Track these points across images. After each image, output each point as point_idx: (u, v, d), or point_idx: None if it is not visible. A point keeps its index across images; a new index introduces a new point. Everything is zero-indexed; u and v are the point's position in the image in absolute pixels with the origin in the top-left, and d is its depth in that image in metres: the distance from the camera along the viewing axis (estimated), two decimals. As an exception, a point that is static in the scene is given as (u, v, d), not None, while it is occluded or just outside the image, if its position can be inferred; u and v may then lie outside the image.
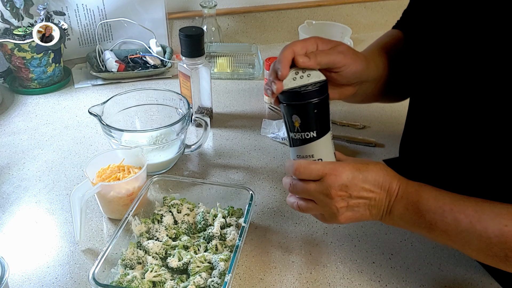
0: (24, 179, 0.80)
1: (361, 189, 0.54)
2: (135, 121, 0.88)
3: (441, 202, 0.52)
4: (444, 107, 0.59)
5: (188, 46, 0.88)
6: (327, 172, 0.53)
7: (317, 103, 0.53)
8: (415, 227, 0.55)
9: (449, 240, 0.53)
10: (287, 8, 1.36)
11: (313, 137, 0.55)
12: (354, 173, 0.53)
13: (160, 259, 0.62)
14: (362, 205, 0.55)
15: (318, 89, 0.53)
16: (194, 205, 0.71)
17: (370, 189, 0.54)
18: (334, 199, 0.53)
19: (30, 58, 1.02)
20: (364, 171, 0.54)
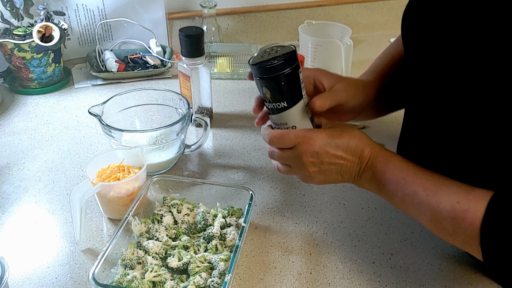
0: (24, 179, 0.80)
1: (332, 156, 0.58)
2: (135, 121, 0.88)
3: (404, 173, 0.56)
4: (441, 107, 0.59)
5: (188, 46, 0.88)
6: (300, 141, 0.57)
7: (284, 75, 0.55)
8: (379, 193, 0.59)
9: (405, 209, 0.57)
10: (287, 8, 1.36)
11: (284, 106, 0.58)
12: (326, 140, 0.57)
13: (160, 259, 0.62)
14: (333, 170, 0.59)
15: (283, 62, 0.55)
16: (194, 205, 0.71)
17: (341, 155, 0.58)
18: (306, 165, 0.58)
19: (30, 58, 1.02)
20: (337, 138, 0.58)
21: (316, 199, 0.76)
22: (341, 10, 1.40)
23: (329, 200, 0.76)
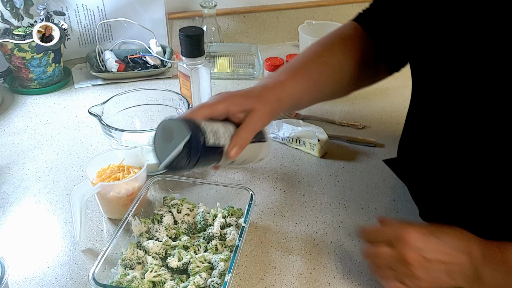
0: (24, 179, 0.80)
1: (438, 252, 0.51)
2: (135, 121, 0.88)
3: None
4: (445, 108, 0.59)
5: (188, 46, 0.88)
6: (397, 235, 0.52)
7: (195, 162, 0.53)
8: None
9: None
10: (287, 8, 1.36)
11: (216, 163, 0.58)
12: (429, 236, 0.52)
13: (160, 259, 0.62)
14: (442, 270, 0.51)
15: (190, 158, 0.52)
16: (194, 205, 0.71)
17: (448, 252, 0.51)
18: (409, 263, 0.51)
19: (30, 58, 1.02)
20: (438, 233, 0.52)
21: (316, 199, 0.76)
22: (341, 10, 1.40)
23: (329, 200, 0.76)
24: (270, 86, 0.62)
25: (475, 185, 0.56)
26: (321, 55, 0.69)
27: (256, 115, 0.59)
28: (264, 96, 0.60)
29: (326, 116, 1.00)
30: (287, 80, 0.64)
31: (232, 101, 0.58)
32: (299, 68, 0.67)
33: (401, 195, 0.77)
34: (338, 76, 0.69)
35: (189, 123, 0.53)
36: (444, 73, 0.57)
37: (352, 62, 0.70)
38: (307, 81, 0.66)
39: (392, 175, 0.82)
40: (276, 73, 0.67)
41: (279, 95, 0.62)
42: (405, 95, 1.09)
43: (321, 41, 0.72)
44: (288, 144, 0.90)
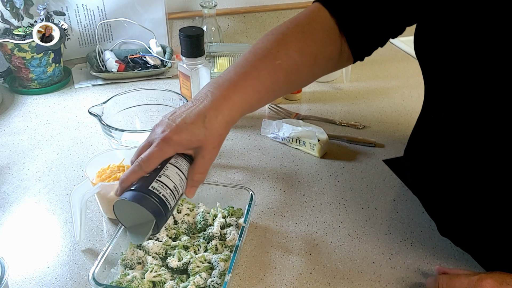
0: (24, 179, 0.80)
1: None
2: (135, 121, 0.88)
3: None
4: (460, 113, 0.58)
5: (188, 46, 0.88)
6: (476, 286, 0.52)
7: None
8: None
9: None
10: (287, 8, 1.36)
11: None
12: (505, 286, 0.51)
13: (160, 259, 0.62)
14: None
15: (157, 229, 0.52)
16: (194, 205, 0.71)
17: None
18: None
19: (30, 58, 1.02)
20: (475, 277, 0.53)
21: (316, 199, 0.76)
22: (341, 10, 1.40)
23: (329, 200, 0.76)
24: (217, 106, 0.56)
25: (495, 196, 0.56)
26: (274, 57, 0.61)
27: (207, 154, 0.56)
28: (212, 128, 0.55)
29: (326, 116, 1.00)
30: (235, 96, 0.58)
31: (179, 143, 0.54)
32: (250, 75, 0.60)
33: (401, 195, 0.77)
34: (293, 79, 0.64)
35: (146, 201, 0.51)
36: (457, 74, 0.56)
37: (310, 60, 0.64)
38: (257, 92, 0.60)
39: (392, 175, 0.82)
40: (223, 80, 0.59)
41: (228, 118, 0.57)
42: (405, 95, 1.10)
43: (276, 34, 0.64)
44: (288, 144, 0.90)
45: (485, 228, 0.59)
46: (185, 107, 0.57)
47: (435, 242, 0.67)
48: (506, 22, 0.49)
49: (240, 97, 0.58)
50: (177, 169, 0.54)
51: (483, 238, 0.61)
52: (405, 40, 1.35)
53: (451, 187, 0.62)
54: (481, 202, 0.58)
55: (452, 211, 0.63)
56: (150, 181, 0.52)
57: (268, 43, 0.63)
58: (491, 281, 0.52)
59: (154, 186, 0.52)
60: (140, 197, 0.51)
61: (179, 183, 0.54)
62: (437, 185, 0.65)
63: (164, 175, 0.53)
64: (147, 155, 0.53)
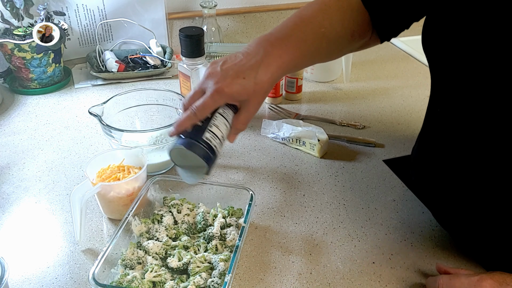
0: (24, 179, 0.80)
1: None
2: (135, 121, 0.88)
3: None
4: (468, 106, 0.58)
5: (188, 46, 0.88)
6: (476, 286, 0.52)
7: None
8: None
9: None
10: (287, 8, 1.36)
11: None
12: (506, 286, 0.52)
13: (160, 259, 0.62)
14: None
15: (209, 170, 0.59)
16: (194, 205, 0.71)
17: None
18: None
19: (30, 58, 1.02)
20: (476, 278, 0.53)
21: (316, 199, 0.76)
22: (341, 10, 1.40)
23: (329, 200, 0.76)
24: (268, 64, 0.60)
25: (503, 196, 0.56)
26: (320, 24, 0.66)
27: (252, 107, 0.60)
28: (262, 84, 0.59)
29: (326, 116, 1.00)
30: (284, 55, 0.62)
31: (231, 95, 0.58)
32: (298, 38, 0.64)
33: (401, 195, 0.77)
34: (333, 48, 0.69)
35: (200, 150, 0.57)
36: (465, 68, 0.56)
37: (349, 34, 0.68)
38: (303, 56, 0.64)
39: (392, 175, 0.82)
40: (274, 38, 0.63)
41: (275, 76, 0.61)
42: (405, 95, 1.10)
43: (319, 3, 0.69)
44: (288, 144, 0.90)
45: (491, 228, 0.59)
46: (236, 58, 0.60)
47: (435, 242, 0.67)
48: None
49: (288, 57, 0.62)
50: (224, 120, 0.59)
51: (488, 238, 0.61)
52: (405, 40, 1.35)
53: (458, 186, 0.62)
54: (487, 201, 0.58)
55: (457, 211, 0.63)
56: (202, 130, 0.57)
57: (314, 12, 0.67)
58: (491, 281, 0.52)
59: (207, 136, 0.57)
60: (197, 147, 0.56)
61: (225, 132, 0.60)
62: (443, 184, 0.65)
63: (214, 125, 0.58)
64: (201, 104, 0.57)
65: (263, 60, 0.59)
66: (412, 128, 0.96)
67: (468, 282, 0.53)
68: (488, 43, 0.52)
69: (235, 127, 0.61)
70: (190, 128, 0.58)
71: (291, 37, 0.63)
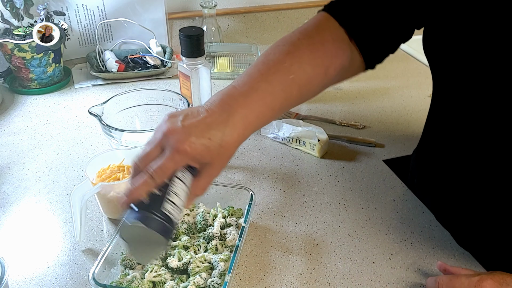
0: (24, 179, 0.80)
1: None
2: (135, 121, 0.88)
3: None
4: (468, 109, 0.58)
5: (188, 46, 0.87)
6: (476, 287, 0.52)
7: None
8: None
9: None
10: (287, 8, 1.36)
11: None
12: (505, 287, 0.52)
13: (160, 259, 0.62)
14: None
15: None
16: (194, 205, 0.71)
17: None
18: None
19: (30, 58, 1.02)
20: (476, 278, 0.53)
21: (316, 199, 0.76)
22: (341, 10, 1.40)
23: (329, 200, 0.76)
24: (234, 124, 0.53)
25: (506, 197, 0.56)
26: (288, 70, 0.59)
27: (214, 171, 0.54)
28: (228, 147, 0.52)
29: (326, 116, 1.00)
30: (251, 114, 0.55)
31: (193, 157, 0.51)
32: (265, 91, 0.57)
33: (401, 195, 0.77)
34: (304, 92, 0.62)
35: (161, 226, 0.49)
36: (466, 71, 0.56)
37: (322, 73, 0.62)
38: (271, 110, 0.57)
39: (392, 175, 0.82)
40: (238, 94, 0.56)
41: (242, 138, 0.55)
42: (405, 95, 1.10)
43: (287, 45, 0.62)
44: (288, 144, 0.90)
45: (492, 228, 0.59)
46: (199, 115, 0.53)
47: (435, 242, 0.67)
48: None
49: (255, 116, 0.55)
50: (184, 185, 0.52)
51: (488, 238, 0.61)
52: (405, 40, 1.35)
53: (460, 186, 0.62)
54: (489, 201, 0.58)
55: (458, 211, 0.63)
56: (161, 200, 0.49)
57: (280, 55, 0.61)
58: (492, 282, 0.52)
59: (167, 208, 0.49)
60: (157, 223, 0.48)
61: (184, 199, 0.52)
62: (445, 184, 0.65)
63: (173, 193, 0.50)
64: (160, 166, 0.49)
65: (228, 119, 0.52)
66: (412, 128, 0.96)
67: (468, 282, 0.53)
68: (488, 46, 0.52)
69: (194, 193, 0.53)
70: (145, 197, 0.49)
71: (256, 92, 0.56)
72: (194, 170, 0.53)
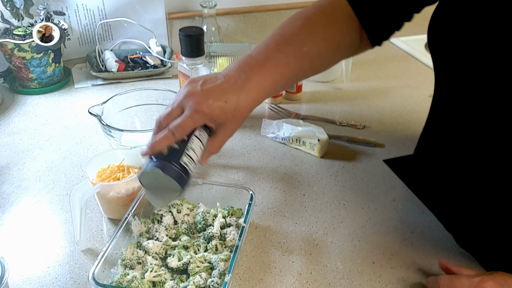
0: (24, 179, 0.80)
1: None
2: (135, 121, 0.88)
3: None
4: (471, 108, 0.58)
5: (188, 46, 0.88)
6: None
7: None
8: None
9: None
10: (287, 8, 1.36)
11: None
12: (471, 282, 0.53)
13: (160, 259, 0.62)
14: None
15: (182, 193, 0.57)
16: (194, 205, 0.71)
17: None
18: None
19: (30, 58, 1.02)
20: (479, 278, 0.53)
21: (316, 199, 0.76)
22: (341, 10, 1.40)
23: (329, 200, 0.76)
24: (249, 89, 0.59)
25: (496, 186, 0.56)
26: (302, 43, 0.64)
27: (228, 131, 0.60)
28: (241, 110, 0.58)
29: (326, 116, 1.00)
30: (265, 81, 0.60)
31: (210, 117, 0.57)
32: (280, 61, 0.62)
33: (401, 195, 0.77)
34: (316, 65, 0.67)
35: (178, 175, 0.55)
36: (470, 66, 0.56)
37: (333, 48, 0.66)
38: (284, 78, 0.63)
39: (392, 175, 0.82)
40: (255, 62, 0.61)
41: (255, 102, 0.60)
42: (405, 95, 1.10)
43: (302, 19, 0.67)
44: (288, 144, 0.90)
45: (493, 228, 0.59)
46: (217, 80, 0.58)
47: (435, 242, 0.67)
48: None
49: (269, 83, 0.61)
50: (200, 143, 0.58)
51: (489, 238, 0.61)
52: (405, 40, 1.35)
53: (461, 186, 0.62)
54: (490, 201, 0.58)
55: (459, 210, 0.63)
56: (179, 153, 0.55)
57: (296, 29, 0.65)
58: (493, 283, 0.52)
59: (184, 160, 0.55)
60: (175, 172, 0.54)
61: (200, 155, 0.58)
62: (446, 184, 0.65)
63: (190, 148, 0.56)
64: (180, 124, 0.55)
65: (244, 85, 0.58)
66: (412, 128, 0.96)
67: (469, 283, 0.53)
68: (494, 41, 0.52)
69: (209, 150, 0.60)
70: (165, 150, 0.56)
71: (271, 60, 0.61)
72: (210, 130, 0.60)
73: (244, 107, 0.58)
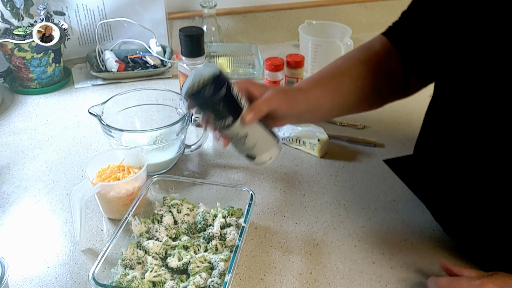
0: (24, 179, 0.80)
1: None
2: (135, 121, 0.88)
3: None
4: (468, 107, 0.58)
5: (188, 46, 0.88)
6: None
7: (219, 98, 0.59)
8: None
9: None
10: (287, 8, 1.36)
11: (229, 124, 0.61)
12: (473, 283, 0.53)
13: (160, 259, 0.62)
14: None
15: (215, 87, 0.58)
16: (194, 205, 0.71)
17: None
18: None
19: (30, 58, 1.02)
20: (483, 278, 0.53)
21: (316, 199, 0.76)
22: (341, 10, 1.40)
23: (329, 200, 0.76)
24: (287, 88, 0.69)
25: (494, 185, 0.56)
26: (340, 67, 0.72)
27: (273, 92, 0.63)
28: (281, 88, 0.67)
29: (326, 116, 0.99)
30: (304, 87, 0.68)
31: (252, 84, 0.63)
32: (318, 79, 0.71)
33: (401, 195, 0.77)
34: (359, 85, 0.71)
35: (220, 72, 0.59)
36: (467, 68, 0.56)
37: (375, 73, 0.71)
38: (324, 89, 0.68)
39: (392, 175, 0.82)
40: (295, 84, 0.72)
41: (296, 94, 0.66)
42: (405, 95, 1.09)
43: (345, 55, 0.76)
44: (288, 144, 0.90)
45: (492, 229, 0.59)
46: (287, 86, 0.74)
47: (435, 242, 0.67)
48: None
49: (309, 88, 0.68)
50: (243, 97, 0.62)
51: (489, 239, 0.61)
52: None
53: (459, 186, 0.62)
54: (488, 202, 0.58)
55: (457, 211, 0.63)
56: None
57: (336, 61, 0.74)
58: (493, 286, 0.52)
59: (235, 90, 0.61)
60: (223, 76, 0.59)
61: (244, 98, 0.62)
62: (444, 184, 0.65)
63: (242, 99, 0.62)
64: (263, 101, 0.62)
65: (302, 91, 0.67)
66: (412, 128, 0.96)
67: (469, 286, 0.53)
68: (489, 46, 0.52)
69: (252, 105, 0.62)
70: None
71: (311, 79, 0.71)
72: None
73: (284, 88, 0.69)
